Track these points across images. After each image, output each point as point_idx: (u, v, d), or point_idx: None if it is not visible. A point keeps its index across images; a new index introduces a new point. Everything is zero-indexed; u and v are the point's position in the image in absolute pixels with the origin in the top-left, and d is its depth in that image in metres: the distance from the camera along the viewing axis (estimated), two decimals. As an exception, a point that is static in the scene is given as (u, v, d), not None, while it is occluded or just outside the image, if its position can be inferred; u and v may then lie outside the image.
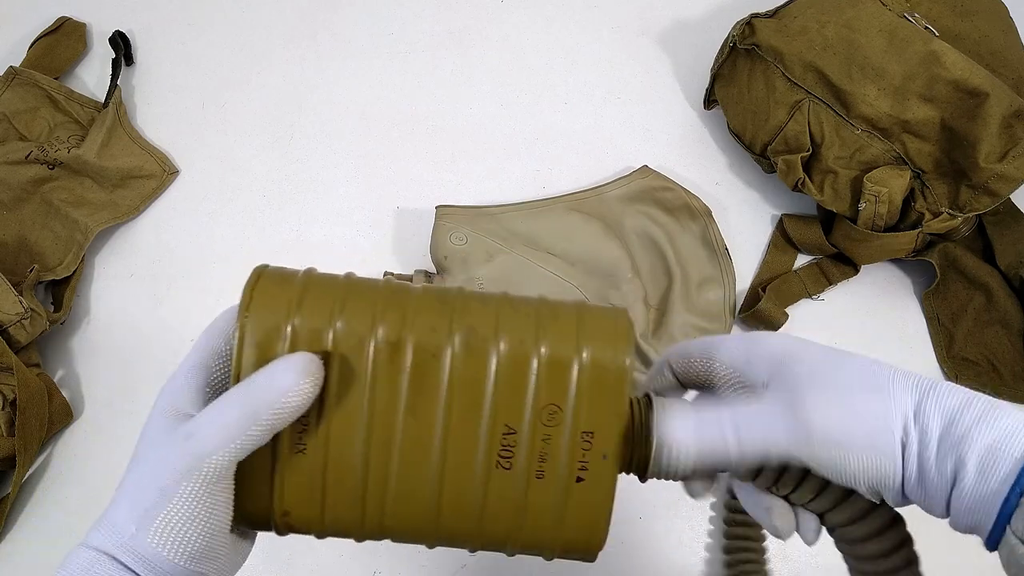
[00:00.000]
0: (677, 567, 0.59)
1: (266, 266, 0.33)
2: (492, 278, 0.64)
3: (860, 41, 0.62)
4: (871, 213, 0.63)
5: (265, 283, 0.33)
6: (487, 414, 0.31)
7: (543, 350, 0.31)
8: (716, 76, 0.72)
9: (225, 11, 0.83)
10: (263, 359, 0.31)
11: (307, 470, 0.31)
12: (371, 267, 0.69)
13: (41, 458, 0.64)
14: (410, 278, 0.63)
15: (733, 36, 0.68)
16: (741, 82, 0.69)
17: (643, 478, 0.33)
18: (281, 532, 0.33)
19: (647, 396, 0.34)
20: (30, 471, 0.63)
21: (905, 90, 0.61)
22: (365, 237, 0.72)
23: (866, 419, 0.30)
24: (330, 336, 0.31)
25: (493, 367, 0.31)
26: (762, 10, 0.68)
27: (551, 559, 0.35)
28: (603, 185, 0.71)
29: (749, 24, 0.67)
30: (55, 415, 0.63)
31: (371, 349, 0.31)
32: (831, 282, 0.69)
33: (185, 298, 0.70)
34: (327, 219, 0.73)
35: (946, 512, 0.30)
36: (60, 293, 0.69)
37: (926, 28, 0.62)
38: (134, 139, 0.76)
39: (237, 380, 0.31)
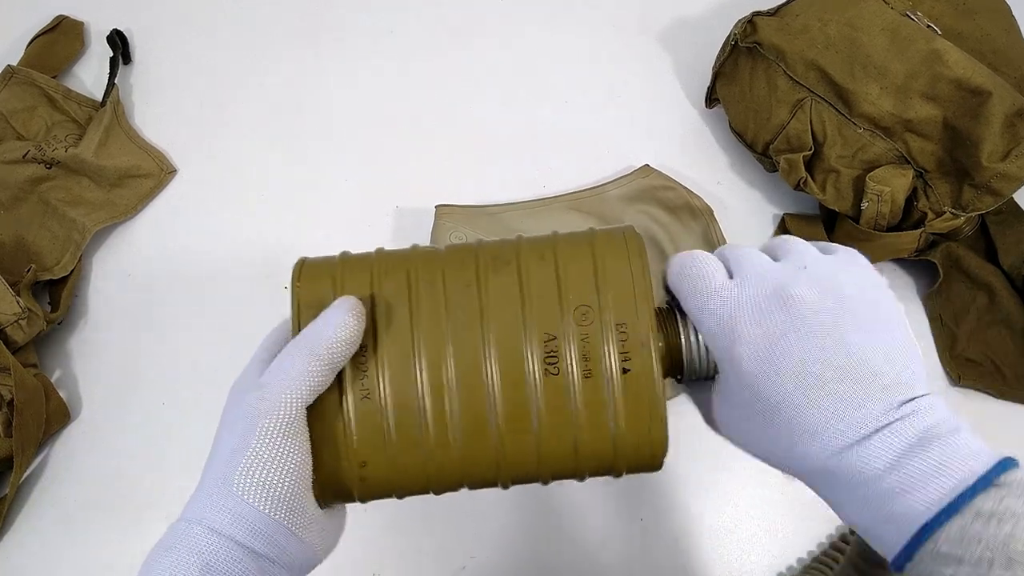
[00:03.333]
0: (678, 568, 0.59)
1: (307, 257, 0.37)
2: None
3: (862, 40, 0.62)
4: (873, 212, 0.63)
5: (310, 262, 0.37)
6: (526, 325, 0.33)
7: (563, 262, 0.34)
8: (717, 75, 0.71)
9: (224, 10, 0.83)
10: (314, 314, 0.34)
11: (375, 414, 0.33)
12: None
13: (39, 459, 0.64)
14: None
15: (735, 34, 0.68)
16: (743, 81, 0.68)
17: (681, 372, 0.35)
18: (362, 494, 0.35)
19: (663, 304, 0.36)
20: (28, 471, 0.63)
21: (907, 89, 0.61)
22: (364, 237, 0.71)
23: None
24: (373, 286, 0.35)
25: (521, 282, 0.34)
26: (764, 8, 0.68)
27: (620, 472, 0.35)
28: (604, 184, 0.71)
29: (751, 22, 0.67)
30: (52, 415, 0.63)
31: (411, 292, 0.34)
32: (833, 282, 0.68)
33: (183, 298, 0.69)
34: (326, 218, 0.72)
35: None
36: (57, 293, 0.68)
37: (928, 27, 0.62)
38: (132, 138, 0.75)
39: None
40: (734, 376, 0.32)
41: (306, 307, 0.34)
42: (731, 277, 0.34)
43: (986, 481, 0.27)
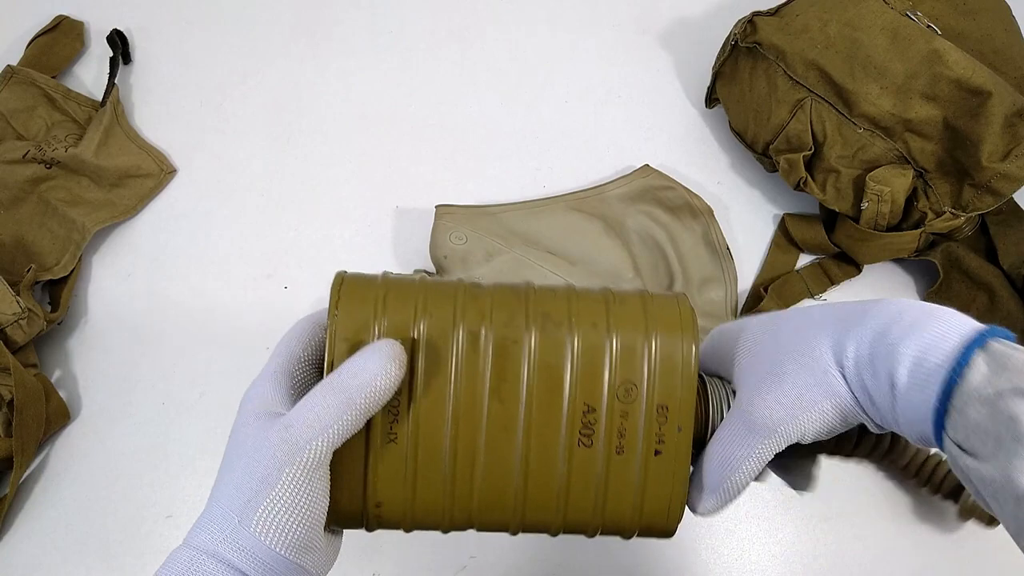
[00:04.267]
0: (679, 568, 0.59)
1: (346, 272, 0.35)
2: (492, 278, 0.64)
3: (862, 39, 0.62)
4: (874, 212, 0.63)
5: (350, 285, 0.34)
6: (567, 394, 0.33)
7: (615, 331, 0.34)
8: (717, 75, 0.71)
9: (223, 10, 0.83)
10: (354, 346, 0.32)
11: (398, 458, 0.33)
12: (370, 267, 0.69)
13: (39, 459, 0.64)
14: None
15: (735, 34, 0.68)
16: (743, 81, 0.68)
17: (704, 434, 0.35)
18: (371, 527, 0.34)
19: (700, 376, 0.36)
20: (28, 472, 0.63)
21: (907, 89, 0.61)
22: (364, 236, 0.71)
23: (796, 389, 0.32)
24: (415, 328, 0.33)
25: (570, 349, 0.33)
26: (764, 8, 0.68)
27: (630, 537, 0.36)
28: (604, 184, 0.71)
29: (751, 22, 0.67)
30: (52, 415, 0.63)
31: (454, 339, 0.33)
32: (833, 282, 0.68)
33: (183, 298, 0.69)
34: (326, 218, 0.72)
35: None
36: (57, 293, 0.68)
37: (928, 27, 0.62)
38: (132, 138, 0.75)
39: (332, 366, 0.33)
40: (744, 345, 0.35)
41: (342, 340, 0.33)
42: None
43: (981, 338, 0.29)
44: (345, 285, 0.34)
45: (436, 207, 0.67)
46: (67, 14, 0.82)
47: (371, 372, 0.31)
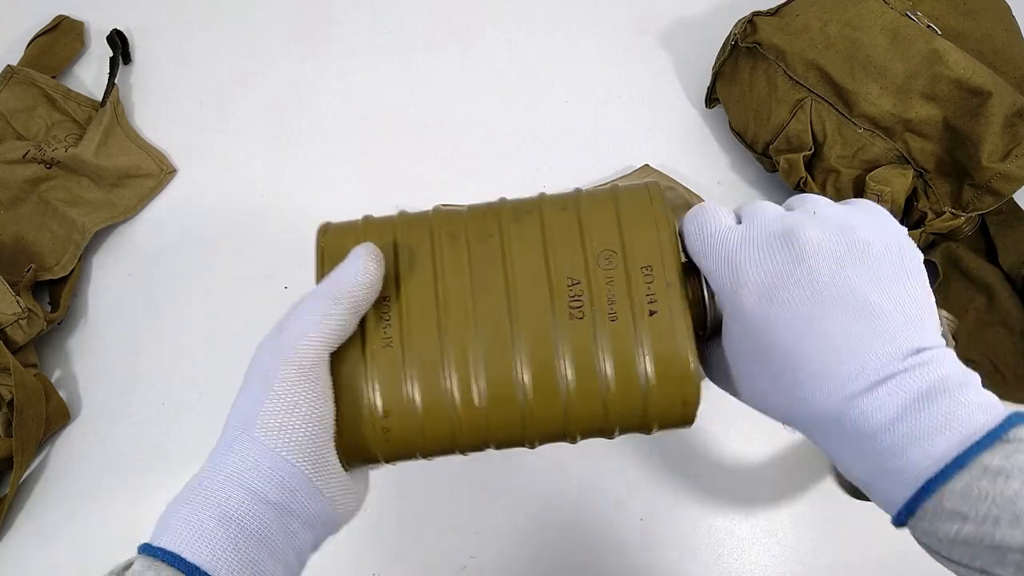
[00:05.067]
0: (678, 569, 0.59)
1: (329, 221, 0.38)
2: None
3: (862, 39, 0.62)
4: (873, 212, 0.63)
5: (334, 224, 0.38)
6: (549, 270, 0.33)
7: (585, 209, 0.34)
8: (717, 75, 0.71)
9: (223, 10, 0.83)
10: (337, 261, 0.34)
11: (396, 363, 0.33)
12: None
13: (39, 459, 0.64)
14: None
15: (734, 34, 0.68)
16: (743, 81, 0.68)
17: (703, 328, 0.34)
18: (386, 453, 0.33)
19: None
20: (28, 472, 0.63)
21: (907, 89, 0.61)
22: (364, 236, 0.71)
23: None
24: (396, 236, 0.35)
25: (544, 229, 0.34)
26: (764, 8, 0.68)
27: (651, 426, 0.34)
28: (604, 184, 0.71)
29: (751, 22, 0.67)
30: (52, 415, 0.63)
31: (433, 242, 0.35)
32: (833, 282, 0.68)
33: (183, 298, 0.69)
34: (326, 218, 0.72)
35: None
36: (57, 293, 0.68)
37: (928, 27, 0.62)
38: (132, 138, 0.75)
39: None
40: (737, 321, 0.31)
41: (329, 260, 0.35)
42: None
43: (994, 436, 0.26)
44: (331, 226, 0.37)
45: (436, 207, 0.67)
46: (67, 14, 0.82)
47: (351, 271, 0.32)
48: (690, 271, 0.34)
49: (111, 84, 0.76)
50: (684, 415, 0.33)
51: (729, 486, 0.62)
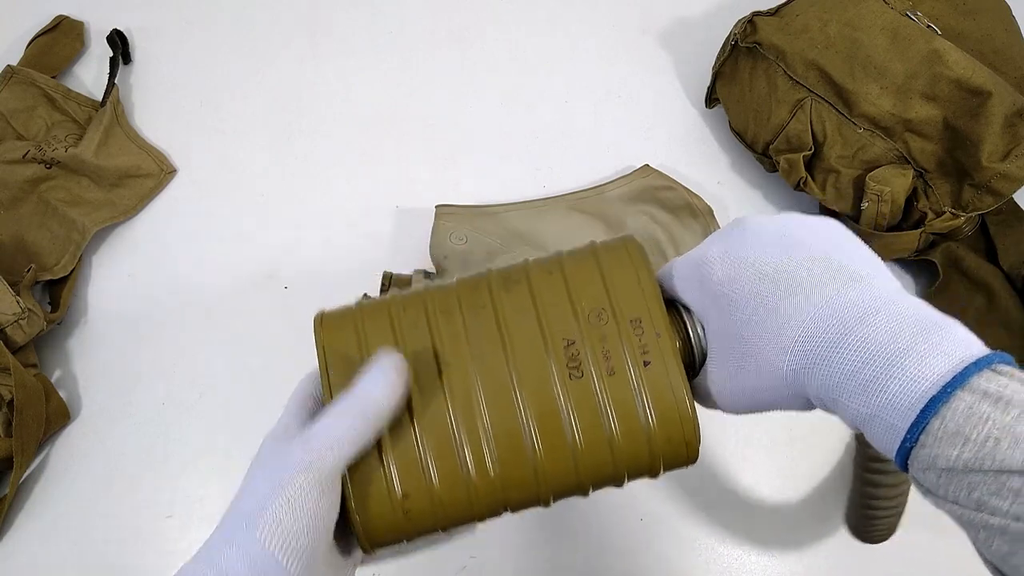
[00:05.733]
0: (678, 569, 0.59)
1: (324, 309, 0.38)
2: (492, 278, 0.64)
3: (862, 39, 0.62)
4: (874, 212, 0.63)
5: (329, 315, 0.37)
6: (544, 335, 0.35)
7: (570, 270, 0.36)
8: (717, 75, 0.71)
9: (223, 10, 0.83)
10: (347, 368, 0.35)
11: (410, 445, 0.34)
12: (371, 267, 0.69)
13: (39, 459, 0.64)
14: (409, 278, 0.63)
15: (735, 34, 0.68)
16: (743, 81, 0.68)
17: (692, 358, 0.36)
18: (408, 529, 0.34)
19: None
20: (28, 472, 0.63)
21: (907, 89, 0.61)
22: (364, 237, 0.71)
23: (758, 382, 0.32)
24: (393, 328, 0.36)
25: (534, 295, 0.36)
26: (764, 8, 0.68)
27: (658, 469, 0.35)
28: (604, 184, 0.71)
29: (751, 22, 0.67)
30: (52, 415, 0.63)
31: (430, 322, 0.36)
32: (833, 282, 0.68)
33: (183, 298, 0.69)
34: (326, 219, 0.72)
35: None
36: (57, 293, 0.68)
37: (928, 26, 0.62)
38: (132, 138, 0.75)
39: (329, 391, 0.35)
40: (712, 306, 0.34)
41: (333, 356, 0.35)
42: None
43: (987, 362, 0.27)
44: (325, 316, 0.37)
45: (436, 207, 0.67)
46: (67, 14, 0.82)
47: (379, 389, 0.33)
48: (673, 309, 0.37)
49: (111, 84, 0.76)
50: (687, 455, 0.35)
51: (729, 486, 0.62)
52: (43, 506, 0.62)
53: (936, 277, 0.66)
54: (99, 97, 0.76)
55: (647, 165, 0.72)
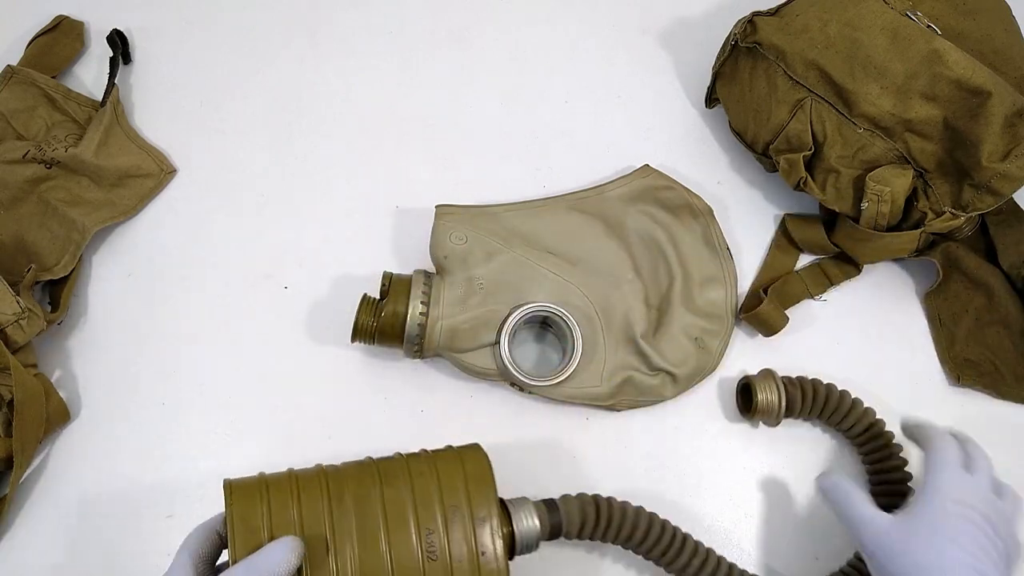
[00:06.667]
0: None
1: (231, 479, 0.48)
2: (492, 278, 0.64)
3: (862, 39, 0.62)
4: (873, 212, 0.63)
5: (237, 484, 0.48)
6: (413, 524, 0.47)
7: (442, 470, 0.49)
8: (717, 75, 0.71)
9: (223, 10, 0.83)
10: (251, 537, 0.44)
11: None
12: (370, 267, 0.69)
13: (39, 459, 0.64)
14: (409, 278, 0.63)
15: (734, 34, 0.68)
16: (743, 81, 0.68)
17: (514, 539, 0.50)
18: None
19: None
20: (28, 472, 0.63)
21: (907, 89, 0.61)
22: (364, 237, 0.71)
23: None
24: (292, 495, 0.47)
25: (412, 489, 0.48)
26: (764, 8, 0.68)
27: None
28: (604, 184, 0.71)
29: (751, 22, 0.67)
30: (52, 415, 0.63)
31: (323, 500, 0.47)
32: (832, 282, 0.68)
33: (183, 298, 0.69)
34: (326, 218, 0.72)
35: None
36: (57, 293, 0.68)
37: (928, 27, 0.62)
38: (132, 138, 0.75)
39: (235, 555, 0.43)
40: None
41: (240, 523, 0.45)
42: None
43: None
44: (234, 488, 0.47)
45: (436, 207, 0.67)
46: (67, 14, 0.82)
47: (275, 562, 0.41)
48: (505, 510, 0.50)
49: (111, 84, 0.76)
50: None
51: (729, 487, 0.62)
52: (43, 506, 0.62)
53: (936, 277, 0.66)
54: (99, 97, 0.76)
55: (647, 165, 0.72)
